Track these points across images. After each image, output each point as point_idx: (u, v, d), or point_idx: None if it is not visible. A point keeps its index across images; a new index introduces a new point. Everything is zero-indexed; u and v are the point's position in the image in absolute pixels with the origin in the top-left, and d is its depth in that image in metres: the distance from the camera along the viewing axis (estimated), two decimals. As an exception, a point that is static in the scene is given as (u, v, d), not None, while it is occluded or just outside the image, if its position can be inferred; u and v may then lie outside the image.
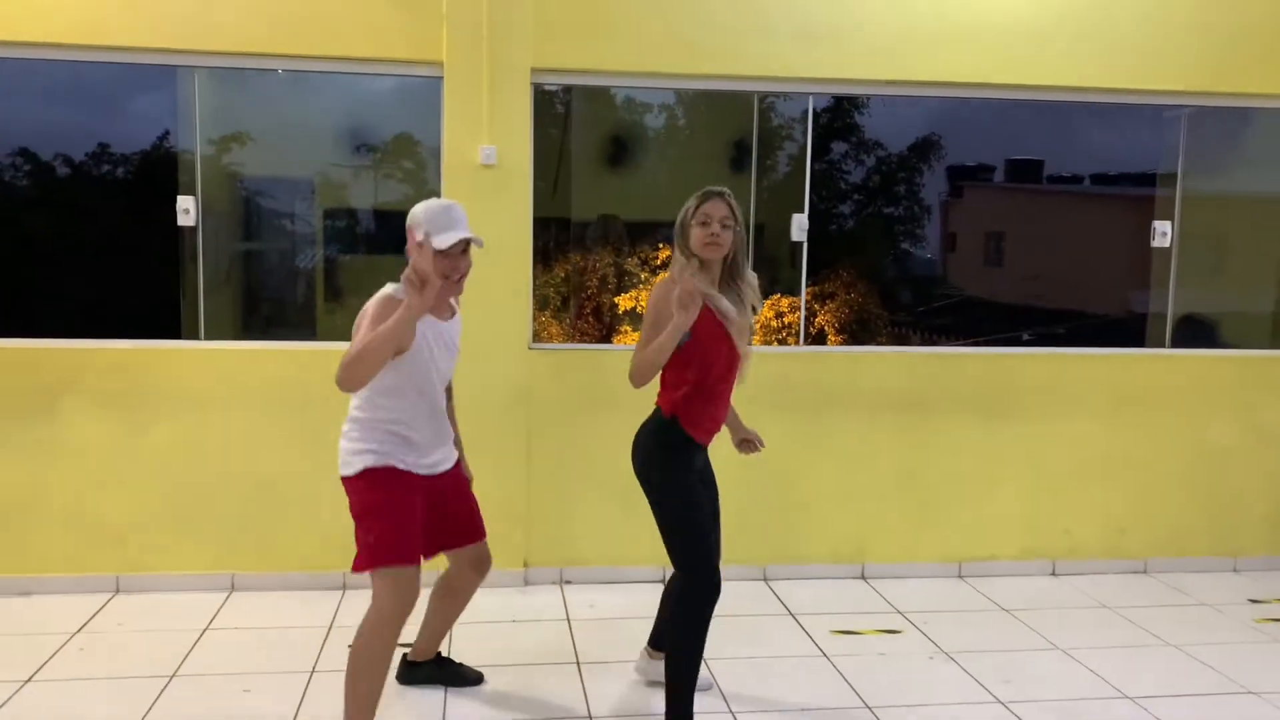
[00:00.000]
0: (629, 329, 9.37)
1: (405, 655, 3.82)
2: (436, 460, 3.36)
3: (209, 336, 4.95)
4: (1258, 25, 5.15)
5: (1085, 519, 5.35)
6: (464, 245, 3.25)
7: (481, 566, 3.59)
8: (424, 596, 3.43)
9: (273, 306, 6.30)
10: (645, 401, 3.49)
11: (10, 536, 4.68)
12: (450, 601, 3.68)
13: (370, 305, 3.12)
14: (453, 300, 3.45)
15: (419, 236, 3.17)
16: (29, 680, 3.77)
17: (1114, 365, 5.37)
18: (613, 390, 4.94)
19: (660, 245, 9.36)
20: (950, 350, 5.35)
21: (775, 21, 4.90)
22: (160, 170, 5.67)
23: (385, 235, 6.03)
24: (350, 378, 2.91)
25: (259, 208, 5.98)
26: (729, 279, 3.37)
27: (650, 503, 3.34)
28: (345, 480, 3.24)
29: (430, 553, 3.41)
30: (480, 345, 4.73)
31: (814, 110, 5.27)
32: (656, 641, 3.81)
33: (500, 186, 4.76)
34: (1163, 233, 5.36)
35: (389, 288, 3.19)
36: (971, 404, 5.22)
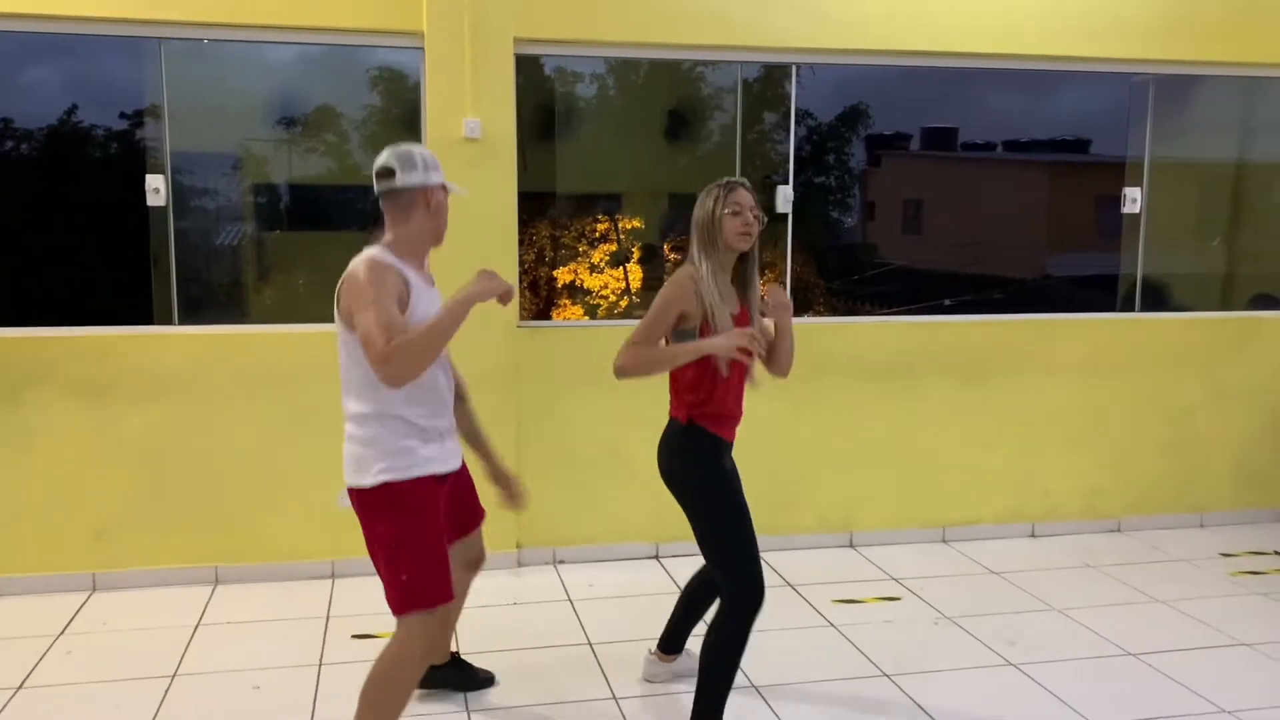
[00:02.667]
0: (567, 303, 9.29)
1: None
2: (453, 448, 3.05)
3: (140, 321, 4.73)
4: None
5: (1063, 480, 5.47)
6: None
7: (477, 563, 3.35)
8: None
9: (201, 288, 6.05)
10: (637, 380, 3.25)
11: (-24, 536, 4.46)
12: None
13: (364, 274, 2.74)
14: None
15: (435, 180, 2.93)
16: (20, 688, 3.58)
17: (1086, 330, 5.49)
18: (603, 368, 4.87)
19: (599, 218, 9.27)
20: (931, 319, 5.40)
21: (759, -10, 4.86)
22: (69, 147, 5.35)
23: (312, 211, 5.85)
24: (406, 370, 2.62)
25: (180, 185, 5.72)
26: (745, 272, 3.18)
27: (687, 513, 3.14)
28: (357, 493, 2.83)
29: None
30: (467, 323, 4.58)
31: (746, 80, 5.38)
32: (667, 645, 3.69)
33: (485, 160, 4.64)
34: (1133, 199, 5.47)
35: (373, 251, 2.84)
36: (952, 371, 5.29)
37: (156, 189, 4.49)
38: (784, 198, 5.11)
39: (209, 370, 4.57)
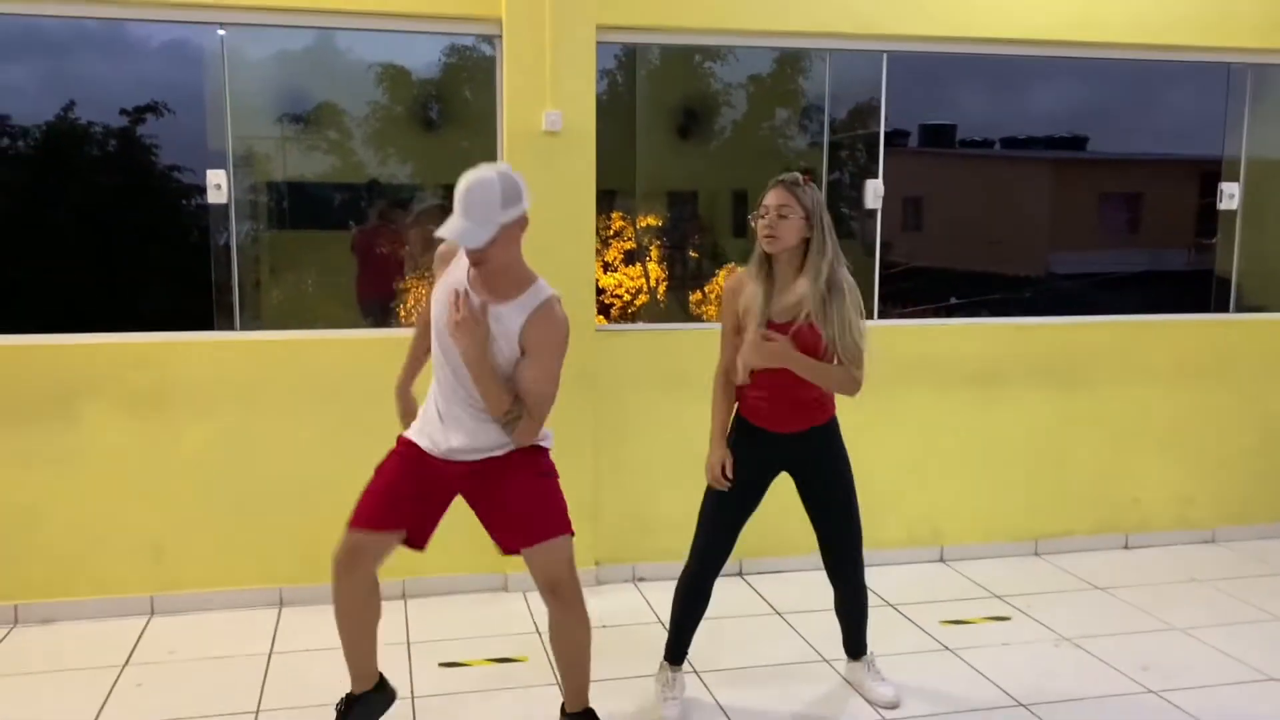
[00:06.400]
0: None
1: None
2: (451, 448, 3.03)
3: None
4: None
5: (1153, 490, 5.23)
6: None
7: (545, 587, 3.06)
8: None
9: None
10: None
11: (26, 557, 4.15)
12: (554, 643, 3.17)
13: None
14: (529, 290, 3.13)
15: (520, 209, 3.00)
16: (93, 726, 3.31)
17: (1175, 331, 5.24)
18: (684, 373, 4.63)
19: (611, 215, 8.99)
20: (1019, 321, 5.14)
21: (850, -25, 4.61)
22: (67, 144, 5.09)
23: (317, 209, 5.61)
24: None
25: (176, 182, 5.42)
26: (802, 270, 3.22)
27: None
28: None
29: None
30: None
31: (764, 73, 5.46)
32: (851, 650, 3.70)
33: (564, 154, 4.37)
34: (1230, 195, 5.24)
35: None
36: (1036, 375, 5.04)
37: (218, 185, 4.20)
38: (874, 193, 4.85)
39: (271, 379, 4.29)
